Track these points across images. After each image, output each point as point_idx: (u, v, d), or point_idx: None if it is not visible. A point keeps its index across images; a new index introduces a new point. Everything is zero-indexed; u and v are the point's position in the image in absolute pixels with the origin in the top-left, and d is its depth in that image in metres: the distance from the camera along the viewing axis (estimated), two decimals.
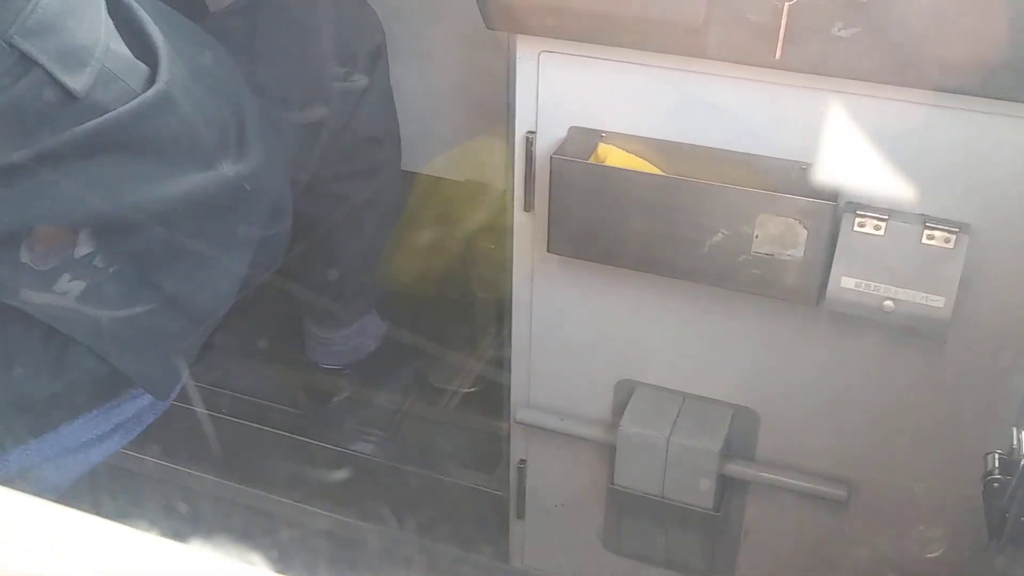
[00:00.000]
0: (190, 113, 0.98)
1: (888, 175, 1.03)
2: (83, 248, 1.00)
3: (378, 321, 1.73)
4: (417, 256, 1.73)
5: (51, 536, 0.42)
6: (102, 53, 0.91)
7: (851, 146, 1.03)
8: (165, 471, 1.65)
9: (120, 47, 0.94)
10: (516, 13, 1.06)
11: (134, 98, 0.93)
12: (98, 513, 0.44)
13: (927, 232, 1.01)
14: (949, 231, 1.00)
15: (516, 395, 1.34)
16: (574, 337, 1.27)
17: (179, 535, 0.44)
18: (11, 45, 0.85)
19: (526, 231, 1.21)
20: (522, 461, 1.39)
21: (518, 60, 1.12)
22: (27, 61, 0.86)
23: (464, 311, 1.71)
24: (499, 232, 1.27)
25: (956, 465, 1.12)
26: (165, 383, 1.09)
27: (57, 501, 0.45)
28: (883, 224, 1.02)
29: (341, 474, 1.63)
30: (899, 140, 1.01)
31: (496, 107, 1.21)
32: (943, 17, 0.91)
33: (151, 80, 0.95)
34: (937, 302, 1.00)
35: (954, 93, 0.96)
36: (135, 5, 0.98)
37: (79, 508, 0.45)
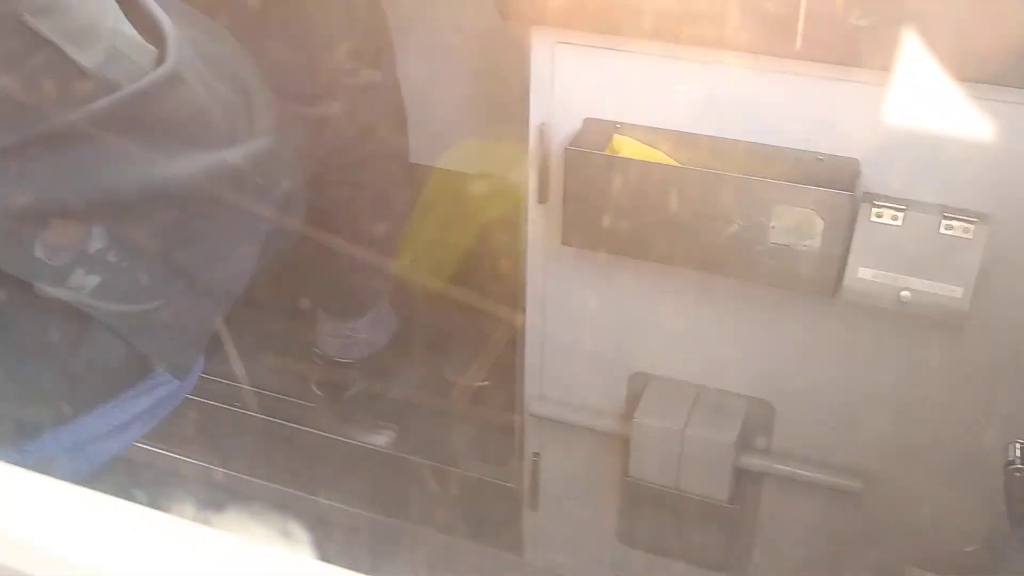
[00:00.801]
0: (200, 94, 0.99)
1: (906, 165, 1.02)
2: (96, 243, 1.00)
3: (390, 315, 1.72)
4: (431, 249, 1.73)
5: (80, 518, 0.42)
6: (110, 33, 0.92)
7: (868, 136, 1.03)
8: (176, 462, 1.66)
9: (128, 28, 0.95)
10: (531, 5, 1.06)
11: (144, 76, 0.93)
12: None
13: (945, 222, 1.00)
14: (968, 221, 0.99)
15: (530, 388, 1.34)
16: (588, 329, 1.27)
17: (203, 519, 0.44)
18: (22, 23, 0.85)
19: (540, 223, 1.21)
20: (536, 454, 1.39)
21: (533, 52, 1.11)
22: (38, 39, 0.86)
23: (478, 304, 1.71)
24: (513, 224, 1.27)
25: (974, 456, 1.12)
26: (184, 363, 1.09)
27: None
28: (901, 214, 1.01)
29: (354, 467, 1.63)
30: (917, 130, 1.01)
31: (511, 99, 1.21)
32: (961, 5, 0.91)
33: (160, 60, 0.95)
34: (955, 292, 1.00)
35: (972, 82, 0.95)
36: None
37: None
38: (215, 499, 1.62)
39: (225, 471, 1.64)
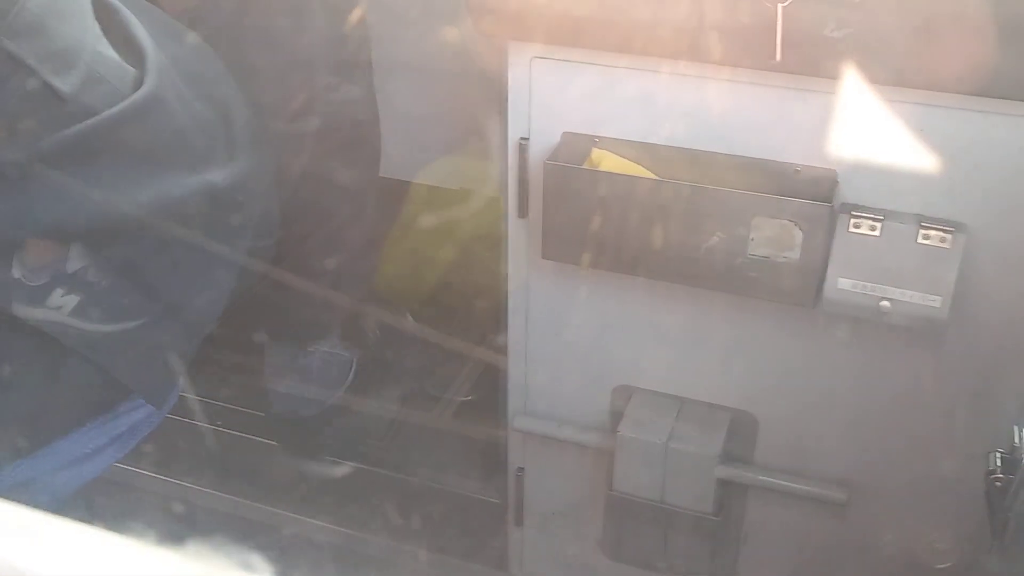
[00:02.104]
0: (178, 115, 0.98)
1: (883, 175, 1.03)
2: (75, 262, 0.99)
3: (341, 360, 1.66)
4: (411, 264, 1.72)
5: (51, 548, 0.42)
6: (90, 55, 0.91)
7: (845, 147, 1.03)
8: (158, 483, 1.64)
9: (107, 50, 0.94)
10: (507, 20, 1.06)
11: (122, 100, 0.92)
12: (92, 525, 0.44)
13: (923, 232, 1.01)
14: (945, 231, 1.00)
15: (513, 402, 1.33)
16: (571, 343, 1.27)
17: (174, 545, 0.43)
18: None
19: (520, 237, 1.21)
20: (520, 468, 1.38)
21: (510, 66, 1.11)
22: (14, 62, 0.86)
23: (460, 319, 1.71)
24: (493, 239, 1.27)
25: (957, 465, 1.12)
26: (161, 391, 1.08)
27: (55, 514, 0.44)
28: (879, 224, 1.02)
29: (338, 484, 1.62)
30: (894, 140, 1.01)
31: (489, 114, 1.21)
32: (936, 16, 0.91)
33: (139, 83, 0.94)
34: (934, 302, 1.00)
35: (948, 92, 0.96)
36: (122, 8, 0.98)
37: (75, 520, 0.44)
38: (195, 518, 1.61)
39: (206, 490, 1.63)
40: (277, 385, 1.63)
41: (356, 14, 1.40)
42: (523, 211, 1.18)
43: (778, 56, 0.96)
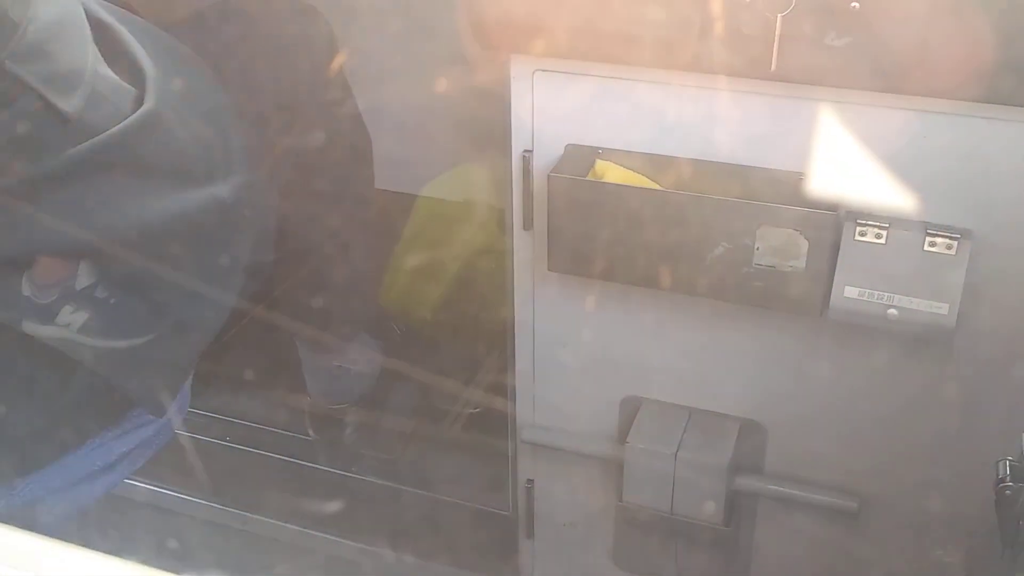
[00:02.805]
0: (178, 133, 0.99)
1: (888, 183, 1.03)
2: (83, 279, 1.00)
3: (373, 352, 1.70)
4: (417, 278, 1.72)
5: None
6: (91, 76, 0.92)
7: (850, 155, 1.03)
8: (168, 500, 1.65)
9: (107, 71, 0.95)
10: (509, 33, 1.07)
11: (124, 119, 0.93)
12: (99, 543, 0.44)
13: (929, 239, 1.00)
14: (951, 238, 1.00)
15: (522, 415, 1.33)
16: (578, 355, 1.27)
17: (183, 564, 0.43)
18: (3, 70, 0.86)
19: (526, 250, 1.21)
20: (529, 481, 1.38)
21: (513, 79, 1.12)
22: (19, 85, 0.87)
23: (467, 332, 1.71)
24: (499, 252, 1.27)
25: (967, 473, 1.11)
26: (161, 403, 1.08)
27: (65, 532, 0.44)
28: (884, 232, 1.02)
29: (348, 499, 1.62)
30: (898, 148, 1.01)
31: (492, 127, 1.21)
32: (937, 22, 0.91)
33: (140, 101, 0.95)
34: (941, 309, 1.00)
35: (951, 99, 0.96)
36: (121, 29, 0.99)
37: (82, 539, 0.44)
38: (203, 535, 1.61)
39: (214, 506, 1.63)
40: (311, 371, 1.66)
41: (322, 31, 1.40)
42: (528, 223, 1.19)
43: (774, 65, 0.96)
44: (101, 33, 0.97)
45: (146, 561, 0.44)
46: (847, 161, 1.03)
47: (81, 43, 0.94)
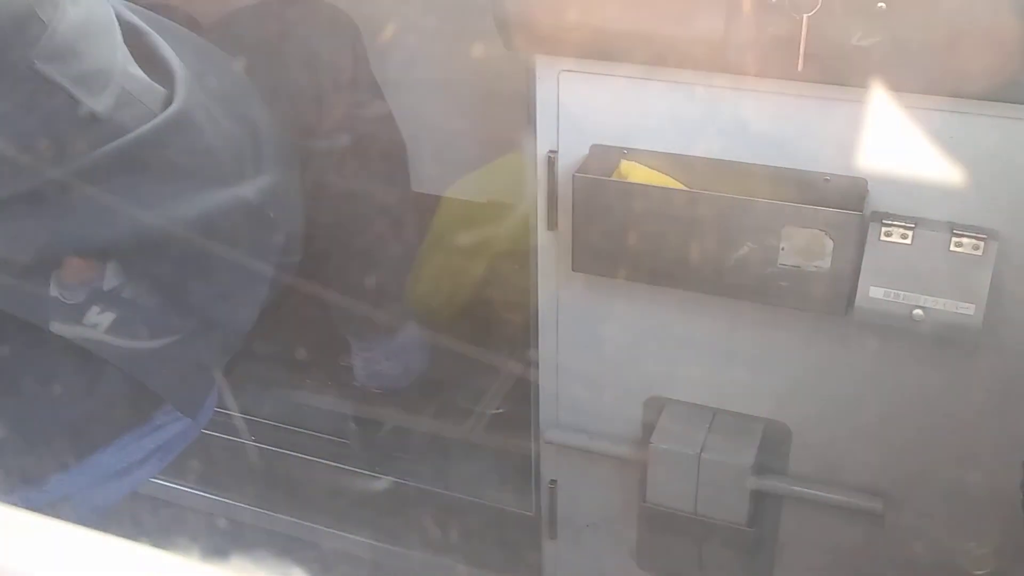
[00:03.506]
0: (207, 133, 1.00)
1: (913, 183, 1.02)
2: (111, 280, 1.01)
3: (420, 343, 1.72)
4: (442, 279, 1.73)
5: (94, 564, 0.42)
6: (120, 76, 0.93)
7: (875, 155, 1.03)
8: (200, 499, 1.66)
9: (137, 71, 0.96)
10: (535, 34, 1.07)
11: (153, 119, 0.94)
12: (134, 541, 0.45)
13: (955, 239, 1.00)
14: (977, 238, 0.99)
15: (545, 415, 1.33)
16: (602, 355, 1.27)
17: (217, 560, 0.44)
18: (34, 70, 0.87)
19: (550, 250, 1.21)
20: (552, 481, 1.39)
21: (538, 80, 1.12)
22: (49, 85, 0.88)
23: (490, 332, 1.71)
24: (523, 252, 1.27)
25: (994, 474, 1.11)
26: (196, 402, 1.10)
27: (98, 529, 0.45)
28: (910, 233, 1.01)
29: (371, 498, 1.63)
30: (923, 148, 1.01)
31: (517, 128, 1.22)
32: (964, 22, 0.91)
33: (169, 101, 0.96)
34: (967, 310, 1.00)
35: (978, 99, 0.95)
36: (150, 30, 1.00)
37: (118, 536, 0.45)
38: (232, 533, 1.62)
39: (242, 505, 1.64)
40: (354, 355, 1.68)
41: (348, 34, 1.42)
42: (552, 224, 1.19)
43: (800, 66, 0.96)
44: (131, 35, 0.98)
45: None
46: (873, 161, 1.03)
47: (110, 43, 0.95)
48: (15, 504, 0.45)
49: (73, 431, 1.03)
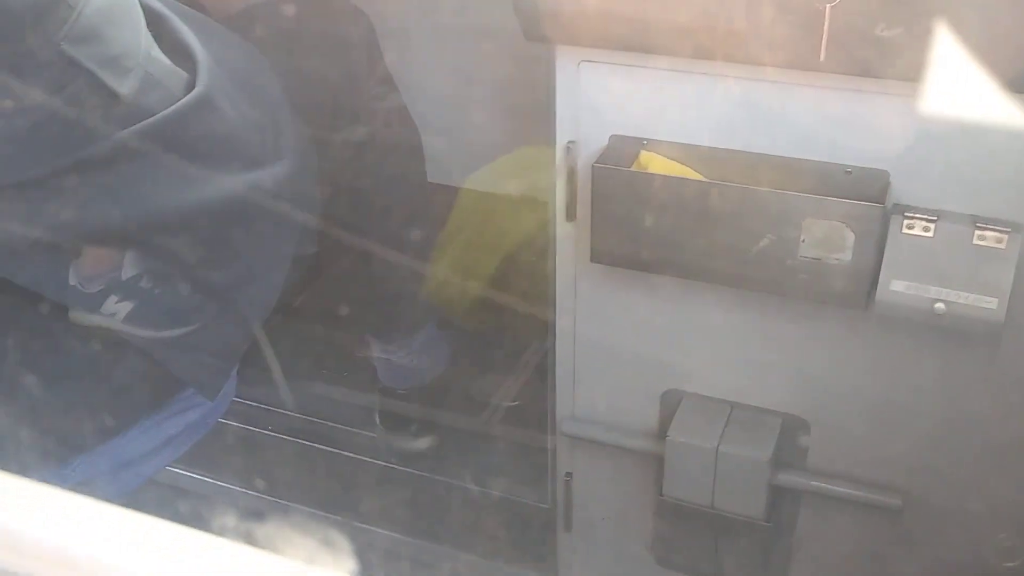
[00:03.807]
0: (229, 117, 1.00)
1: (936, 176, 1.01)
2: (129, 270, 1.01)
3: (441, 342, 1.72)
4: (459, 270, 1.73)
5: (122, 537, 0.43)
6: (144, 59, 0.94)
7: (898, 147, 1.02)
8: (215, 488, 1.67)
9: (160, 55, 0.97)
10: (555, 24, 1.07)
11: (176, 102, 0.95)
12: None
13: (978, 233, 0.99)
14: (1001, 231, 0.98)
15: (561, 407, 1.33)
16: (619, 347, 1.26)
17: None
18: (60, 52, 0.87)
19: (569, 241, 1.21)
20: (568, 474, 1.38)
21: (558, 70, 1.12)
22: (75, 67, 0.88)
23: (508, 324, 1.71)
24: (542, 243, 1.27)
25: (1015, 469, 1.10)
26: (215, 385, 1.10)
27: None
28: (932, 225, 1.00)
29: (387, 489, 1.63)
30: (946, 140, 1.00)
31: (536, 118, 1.21)
32: (988, 11, 0.90)
33: (191, 85, 0.97)
34: (990, 304, 0.99)
35: (1000, 90, 0.94)
36: (172, 16, 1.01)
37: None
38: (249, 519, 1.63)
39: (256, 494, 1.65)
40: (381, 352, 1.68)
41: (361, 29, 1.43)
42: (571, 215, 1.19)
43: (822, 56, 0.95)
44: (154, 20, 0.99)
45: None
46: (895, 153, 1.02)
47: (134, 27, 0.95)
48: None
49: (94, 415, 1.04)
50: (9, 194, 0.90)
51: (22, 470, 0.94)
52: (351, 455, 1.65)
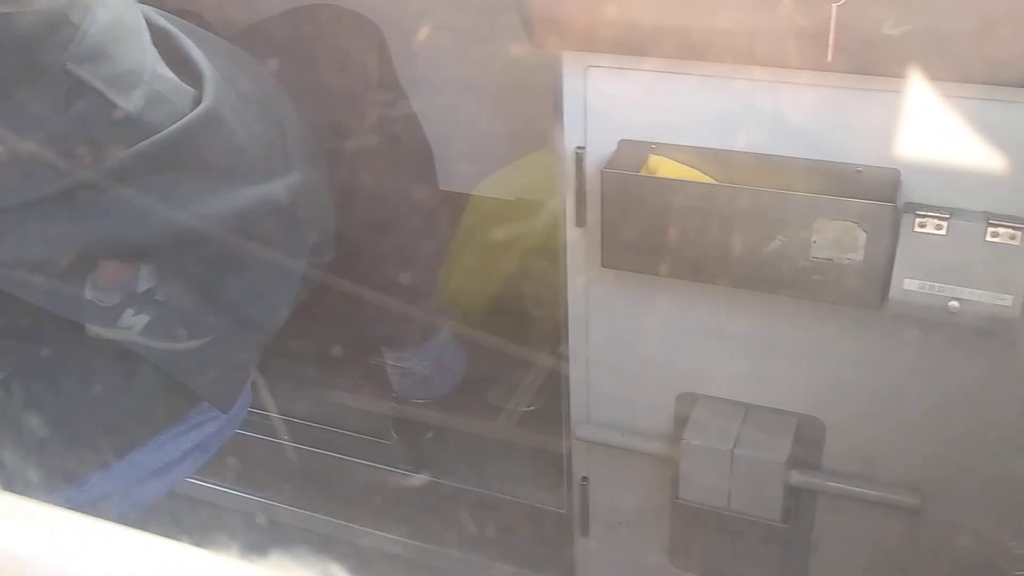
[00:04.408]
0: (236, 132, 1.01)
1: (947, 173, 1.01)
2: (144, 283, 1.02)
3: (455, 352, 1.71)
4: (471, 276, 1.73)
5: (137, 564, 0.43)
6: (150, 76, 0.94)
7: (908, 146, 1.01)
8: (232, 498, 1.67)
9: (166, 71, 0.97)
10: (562, 29, 1.07)
11: (183, 118, 0.95)
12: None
13: (991, 230, 0.98)
14: (1015, 228, 0.98)
15: (576, 412, 1.33)
16: (632, 351, 1.26)
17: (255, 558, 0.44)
18: (66, 71, 0.88)
19: (579, 247, 1.21)
20: (584, 478, 1.38)
21: (565, 76, 1.12)
22: (81, 86, 0.89)
23: (521, 329, 1.71)
24: (552, 249, 1.27)
25: None
26: (230, 398, 1.10)
27: (138, 527, 0.45)
28: (945, 223, 1.00)
29: (403, 497, 1.63)
30: (957, 137, 0.99)
31: (544, 124, 1.21)
32: (998, 7, 0.89)
33: (197, 101, 0.97)
34: (1005, 301, 0.98)
35: (1014, 87, 0.94)
36: (178, 32, 1.01)
37: (157, 534, 0.45)
38: (263, 532, 1.63)
39: (272, 503, 1.65)
40: (394, 362, 1.67)
41: (373, 40, 1.43)
42: (581, 220, 1.19)
43: (829, 56, 0.95)
44: (160, 36, 0.99)
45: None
46: (905, 151, 1.02)
47: (140, 44, 0.96)
48: (56, 503, 0.46)
49: (112, 430, 1.04)
50: (18, 214, 0.91)
51: (39, 488, 0.94)
52: (365, 462, 1.65)
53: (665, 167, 1.10)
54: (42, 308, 0.97)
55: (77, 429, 1.02)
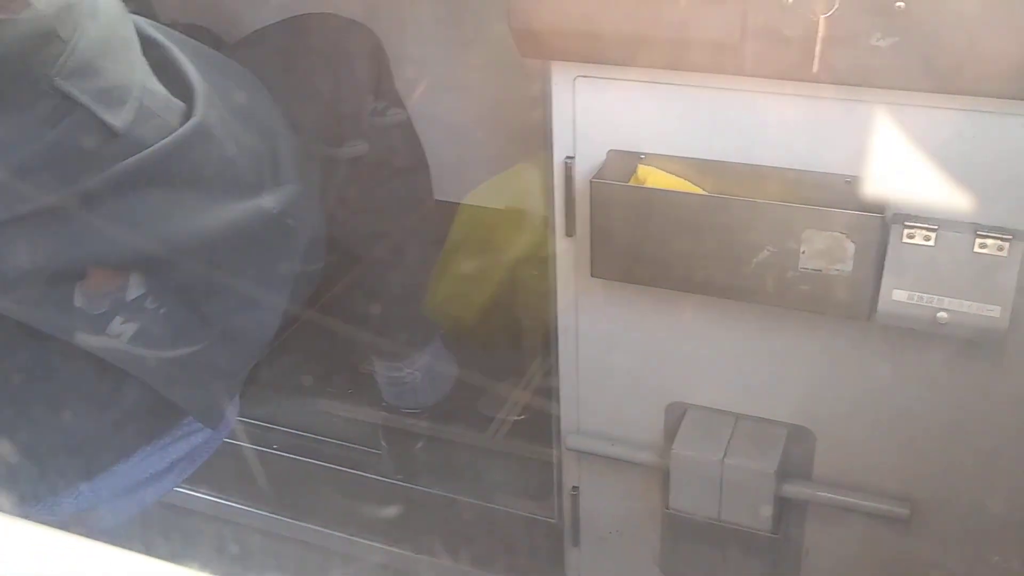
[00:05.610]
0: (227, 146, 1.00)
1: (935, 184, 1.01)
2: (134, 290, 1.02)
3: (446, 362, 1.71)
4: (461, 286, 1.73)
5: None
6: (139, 91, 0.94)
7: (896, 157, 1.02)
8: (221, 509, 1.66)
9: (156, 85, 0.97)
10: (550, 41, 1.07)
11: (172, 133, 0.95)
12: (152, 554, 0.45)
13: (979, 241, 0.99)
14: (1002, 239, 0.98)
15: (566, 421, 1.33)
16: (622, 361, 1.26)
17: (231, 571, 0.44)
18: (54, 87, 0.87)
19: (569, 257, 1.21)
20: (575, 488, 1.38)
21: (553, 86, 1.12)
22: (69, 102, 0.89)
23: (511, 339, 1.71)
24: (542, 259, 1.27)
25: (1020, 479, 1.09)
26: (216, 412, 1.10)
27: (115, 542, 0.45)
28: (933, 234, 1.00)
29: (393, 506, 1.63)
30: (945, 148, 1.00)
31: (533, 134, 1.21)
32: (985, 20, 0.90)
33: (188, 115, 0.97)
34: (993, 312, 0.98)
35: (1000, 98, 0.94)
36: (169, 44, 1.01)
37: (138, 549, 0.45)
38: (252, 543, 1.63)
39: (262, 513, 1.65)
40: (386, 372, 1.67)
41: (371, 49, 1.43)
42: (570, 230, 1.18)
43: (815, 68, 0.95)
44: (150, 49, 0.99)
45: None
46: (893, 162, 1.02)
47: (130, 59, 0.96)
48: (41, 515, 0.46)
49: (97, 442, 1.04)
50: (5, 228, 0.91)
51: (25, 499, 0.94)
52: (352, 471, 1.65)
53: (654, 177, 1.10)
54: (30, 321, 0.96)
55: (63, 441, 1.02)
